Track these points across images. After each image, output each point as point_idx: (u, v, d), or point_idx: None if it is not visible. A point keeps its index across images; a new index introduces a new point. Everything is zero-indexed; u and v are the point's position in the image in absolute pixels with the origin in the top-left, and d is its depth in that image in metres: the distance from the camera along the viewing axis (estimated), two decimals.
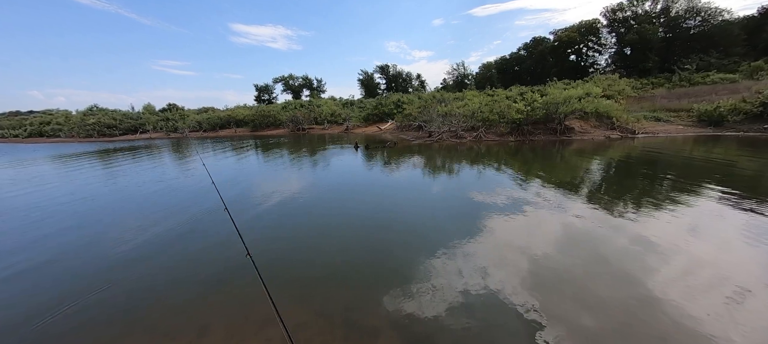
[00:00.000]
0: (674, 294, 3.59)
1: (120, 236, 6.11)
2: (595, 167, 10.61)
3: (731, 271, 4.03)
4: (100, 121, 38.79)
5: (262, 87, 59.23)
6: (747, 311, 3.30)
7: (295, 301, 3.80)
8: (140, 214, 7.38)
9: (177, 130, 37.98)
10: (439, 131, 19.20)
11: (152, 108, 46.32)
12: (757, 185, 7.62)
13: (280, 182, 10.16)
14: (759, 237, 4.86)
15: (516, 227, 5.68)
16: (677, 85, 26.32)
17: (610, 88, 25.45)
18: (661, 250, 4.59)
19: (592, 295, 3.65)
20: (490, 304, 3.57)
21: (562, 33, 40.08)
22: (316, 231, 5.91)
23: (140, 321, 3.62)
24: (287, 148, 19.51)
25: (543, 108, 17.85)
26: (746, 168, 9.32)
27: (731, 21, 30.58)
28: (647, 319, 3.24)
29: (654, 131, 17.65)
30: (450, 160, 12.87)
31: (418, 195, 8.09)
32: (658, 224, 5.51)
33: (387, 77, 56.28)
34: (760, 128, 15.93)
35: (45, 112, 53.62)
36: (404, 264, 4.49)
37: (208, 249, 5.31)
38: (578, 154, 13.13)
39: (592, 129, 18.24)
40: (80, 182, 11.36)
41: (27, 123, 42.63)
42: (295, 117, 33.38)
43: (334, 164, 12.97)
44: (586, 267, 4.27)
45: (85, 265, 5.02)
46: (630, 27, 34.45)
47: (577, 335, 3.07)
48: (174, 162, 15.67)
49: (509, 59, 47.66)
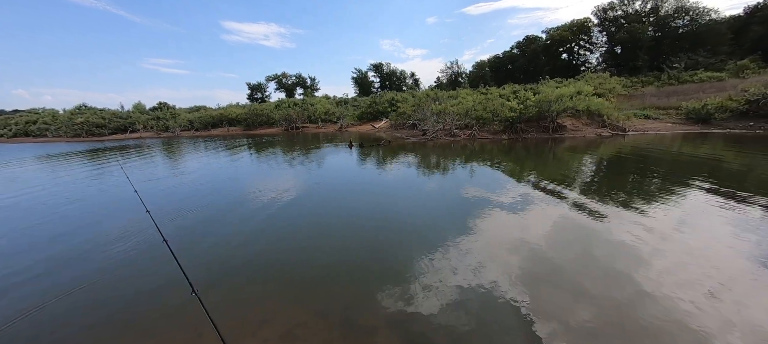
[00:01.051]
0: (663, 288, 3.68)
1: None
2: (587, 164, 10.78)
3: (718, 265, 4.15)
4: (89, 120, 38.03)
5: (255, 85, 58.60)
6: (733, 303, 3.40)
7: (293, 301, 3.80)
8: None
9: (168, 129, 37.45)
10: (433, 129, 19.27)
11: (143, 107, 45.58)
12: (743, 181, 7.83)
13: (274, 181, 10.10)
14: (745, 231, 5.01)
15: (510, 224, 5.75)
16: (666, 83, 26.79)
17: (601, 86, 25.80)
18: (651, 245, 4.69)
19: (584, 290, 3.73)
20: (485, 301, 3.61)
21: (554, 32, 40.42)
22: (312, 231, 5.90)
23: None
24: (281, 147, 19.38)
25: (536, 106, 18.04)
26: (732, 164, 9.56)
27: (718, 20, 31.19)
28: (637, 313, 3.32)
29: (644, 128, 17.98)
30: (444, 158, 12.94)
31: (414, 194, 8.12)
32: (648, 219, 5.63)
33: (381, 76, 56.15)
34: (746, 126, 16.35)
35: (31, 111, 52.28)
36: (401, 263, 4.52)
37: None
38: (570, 151, 13.31)
39: (583, 127, 18.50)
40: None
41: (12, 122, 41.54)
42: (288, 116, 33.16)
43: (329, 163, 12.94)
44: (579, 263, 4.35)
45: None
46: (620, 26, 34.91)
47: (570, 329, 3.13)
48: (168, 161, 15.47)
49: (502, 58, 47.91)
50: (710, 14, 31.44)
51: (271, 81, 58.73)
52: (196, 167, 13.36)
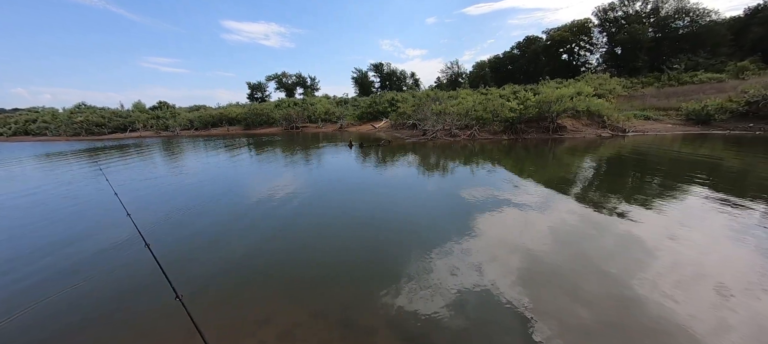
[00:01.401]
0: (662, 290, 3.67)
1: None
2: (587, 165, 10.77)
3: (716, 267, 4.13)
4: (88, 119, 37.95)
5: (255, 85, 58.55)
6: (731, 307, 3.39)
7: (292, 301, 3.78)
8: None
9: (168, 128, 37.40)
10: (433, 129, 19.26)
11: (142, 106, 45.47)
12: (742, 183, 7.82)
13: (272, 181, 10.08)
14: (743, 233, 4.99)
15: (509, 224, 5.74)
16: (666, 84, 26.82)
17: (602, 87, 25.83)
18: (650, 247, 4.68)
19: (583, 291, 3.71)
20: (484, 301, 3.60)
21: (554, 32, 40.45)
22: (311, 230, 5.88)
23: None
24: (281, 146, 19.37)
25: (536, 107, 18.04)
26: (732, 166, 9.55)
27: (718, 22, 31.24)
28: (636, 315, 3.30)
29: (643, 129, 17.98)
30: (444, 158, 12.93)
31: (413, 194, 8.11)
32: (648, 221, 5.62)
33: (381, 76, 56.15)
34: (746, 127, 16.35)
35: (30, 109, 52.21)
36: (400, 263, 4.50)
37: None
38: (570, 152, 13.31)
39: (583, 128, 18.50)
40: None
41: (11, 121, 41.47)
42: (288, 115, 33.13)
43: (329, 163, 12.92)
44: (578, 264, 4.34)
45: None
46: (621, 27, 34.96)
47: (569, 330, 3.12)
48: (166, 161, 15.44)
49: (502, 58, 47.95)
50: (710, 15, 31.50)
51: (271, 81, 58.73)
52: (195, 166, 13.34)
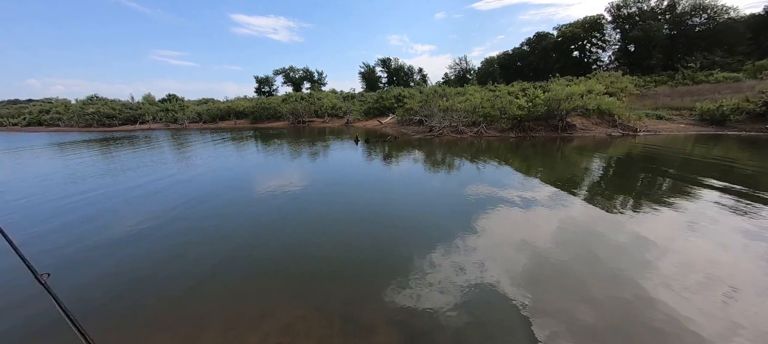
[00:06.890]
0: (670, 291, 3.60)
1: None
2: (596, 164, 10.59)
3: (727, 270, 4.03)
4: (100, 110, 38.60)
5: (263, 79, 58.82)
6: (741, 309, 3.30)
7: (293, 295, 3.81)
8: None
9: (177, 121, 37.82)
10: (439, 126, 19.11)
11: (152, 98, 45.99)
12: (757, 185, 7.59)
13: (278, 175, 10.13)
14: (755, 237, 4.86)
15: (514, 223, 5.68)
16: (680, 83, 26.14)
17: (613, 85, 25.27)
18: (659, 248, 4.59)
19: (588, 291, 3.66)
20: (487, 300, 3.58)
21: (565, 28, 39.63)
22: (315, 226, 5.90)
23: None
24: (287, 140, 19.45)
25: (545, 104, 17.75)
26: (747, 168, 9.29)
27: (737, 19, 30.21)
28: (642, 316, 3.25)
29: (655, 128, 17.58)
30: (450, 155, 12.84)
31: (418, 190, 8.07)
32: (657, 222, 5.51)
33: (388, 71, 55.86)
34: (762, 128, 15.86)
35: (44, 100, 53.29)
36: (403, 259, 4.50)
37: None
38: (579, 151, 13.10)
39: (593, 126, 18.16)
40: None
41: (26, 112, 42.43)
42: (295, 110, 33.22)
43: (334, 158, 12.94)
44: (584, 264, 4.27)
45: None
46: (634, 24, 34.05)
47: (573, 330, 3.08)
48: (177, 154, 15.64)
49: (512, 55, 47.24)
50: (729, 12, 30.45)
51: (279, 75, 58.90)
52: (205, 159, 13.49)
